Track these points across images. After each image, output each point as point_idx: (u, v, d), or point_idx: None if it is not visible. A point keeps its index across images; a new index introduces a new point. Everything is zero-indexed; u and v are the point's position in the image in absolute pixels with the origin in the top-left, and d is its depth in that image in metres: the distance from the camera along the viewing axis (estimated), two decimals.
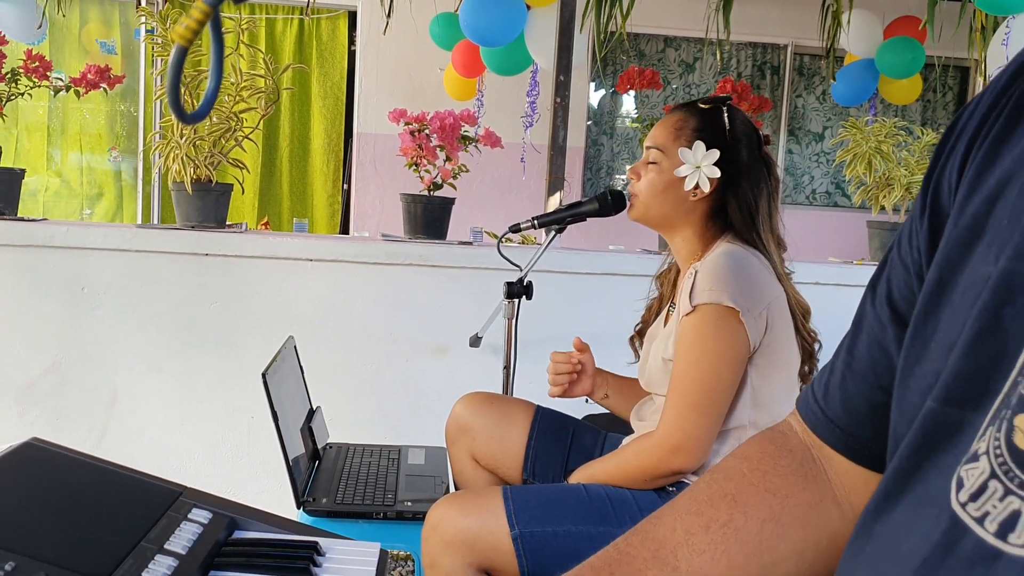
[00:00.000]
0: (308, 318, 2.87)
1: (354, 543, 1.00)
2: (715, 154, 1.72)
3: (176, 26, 0.51)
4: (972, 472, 0.49)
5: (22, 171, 2.97)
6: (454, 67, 4.76)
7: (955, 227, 0.60)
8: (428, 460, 2.22)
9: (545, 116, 3.76)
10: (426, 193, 3.05)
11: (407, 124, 2.98)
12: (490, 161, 4.13)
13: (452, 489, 2.09)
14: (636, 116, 6.76)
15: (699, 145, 1.73)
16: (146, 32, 3.45)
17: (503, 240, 2.35)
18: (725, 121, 1.77)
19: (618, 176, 6.80)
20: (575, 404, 2.26)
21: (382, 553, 0.97)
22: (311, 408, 2.22)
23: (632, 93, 6.73)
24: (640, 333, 1.99)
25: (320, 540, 0.98)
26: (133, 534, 0.88)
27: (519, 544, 1.57)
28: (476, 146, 3.10)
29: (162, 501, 0.97)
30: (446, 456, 2.16)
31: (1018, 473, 0.47)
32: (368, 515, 1.89)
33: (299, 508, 1.89)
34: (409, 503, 1.92)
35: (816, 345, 1.79)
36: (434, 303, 2.92)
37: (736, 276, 1.63)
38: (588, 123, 6.71)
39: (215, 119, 2.85)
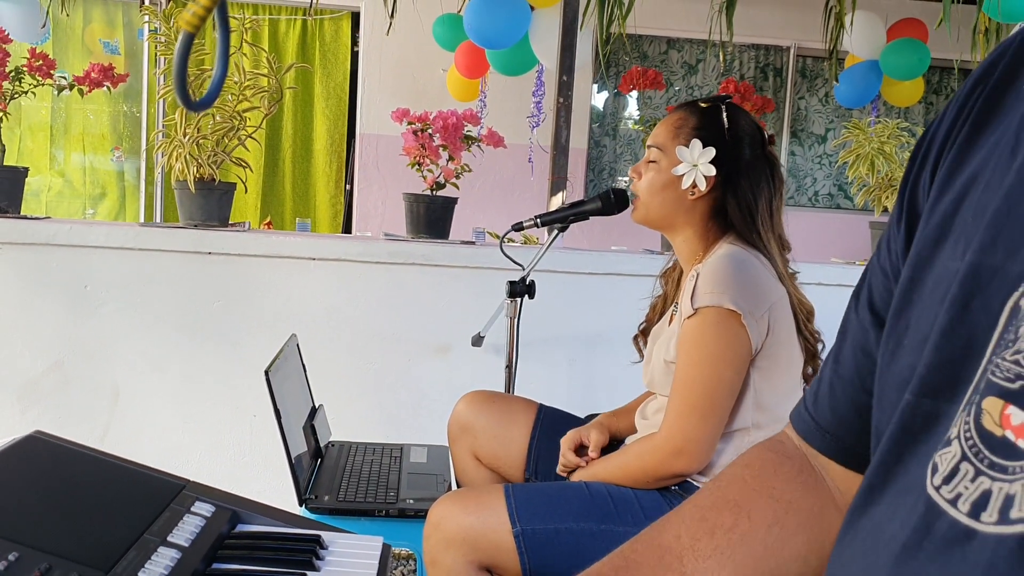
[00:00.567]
0: (311, 317, 2.87)
1: (357, 537, 1.00)
2: (711, 152, 1.72)
3: (183, 12, 0.51)
4: (945, 456, 0.51)
5: (25, 169, 2.98)
6: (457, 68, 4.76)
7: (925, 227, 0.63)
8: (430, 458, 2.22)
9: (549, 117, 3.76)
10: (429, 193, 3.05)
11: (410, 123, 2.98)
12: (493, 162, 4.14)
13: (454, 487, 2.09)
14: (639, 117, 6.76)
15: (696, 143, 1.73)
16: (149, 32, 3.46)
17: (506, 239, 2.35)
18: (724, 120, 1.76)
19: (620, 178, 6.80)
20: (578, 403, 2.26)
21: (384, 547, 0.97)
22: (313, 406, 2.22)
23: (635, 94, 6.73)
24: (644, 332, 1.99)
25: (323, 534, 0.98)
26: (136, 526, 0.88)
27: (521, 542, 1.56)
28: (479, 146, 3.10)
29: (165, 494, 0.97)
30: (448, 455, 2.16)
31: (987, 454, 0.48)
32: (370, 513, 1.89)
33: (301, 506, 1.89)
34: (411, 501, 1.92)
35: (819, 345, 1.79)
36: (436, 302, 2.92)
37: (738, 278, 1.63)
38: (591, 124, 6.71)
39: (218, 118, 2.85)
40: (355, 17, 6.56)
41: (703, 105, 1.80)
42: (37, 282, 2.78)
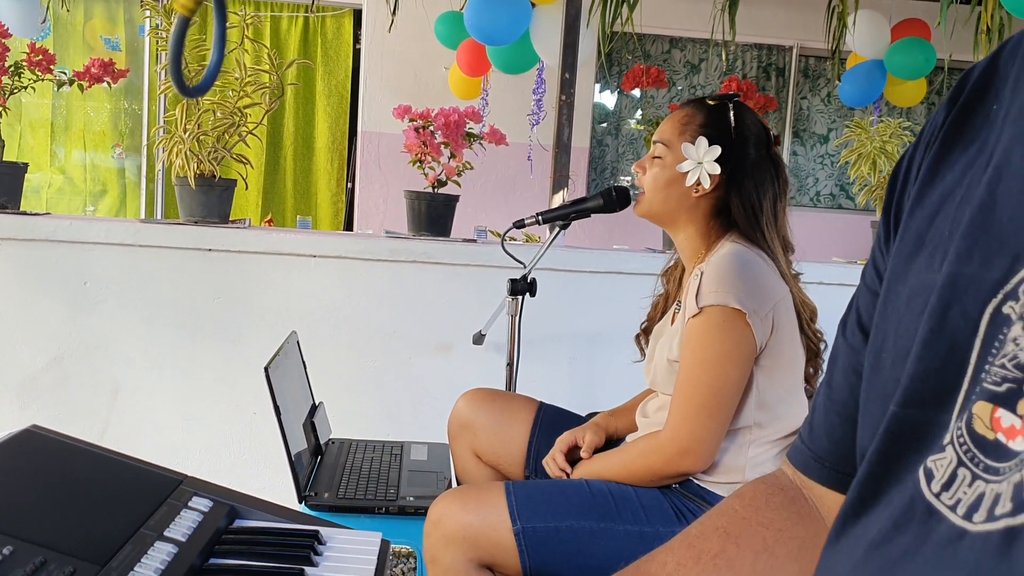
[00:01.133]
0: (311, 314, 2.86)
1: (355, 532, 0.99)
2: (716, 150, 1.71)
3: None
4: (940, 463, 0.52)
5: (25, 165, 2.97)
6: (459, 66, 4.75)
7: (901, 242, 0.64)
8: (430, 456, 2.22)
9: (551, 114, 3.75)
10: (430, 190, 3.04)
11: (411, 120, 2.97)
12: (495, 160, 4.13)
13: (454, 485, 2.08)
14: (641, 116, 6.75)
15: (701, 141, 1.73)
16: (151, 27, 3.45)
17: (507, 237, 2.34)
18: (731, 118, 1.76)
19: (623, 177, 6.79)
20: (579, 401, 2.25)
21: (383, 543, 0.96)
22: (313, 404, 2.21)
23: (637, 93, 6.72)
24: (646, 331, 1.98)
25: (321, 529, 0.97)
26: (133, 521, 0.87)
27: (521, 539, 1.56)
28: (481, 144, 3.09)
29: (162, 489, 0.96)
30: (448, 452, 2.16)
31: (982, 458, 0.50)
32: (370, 510, 1.88)
33: (301, 503, 1.89)
34: (411, 498, 1.92)
35: (822, 345, 1.78)
36: (437, 300, 2.91)
37: (742, 277, 1.63)
38: (593, 124, 6.70)
39: (219, 114, 2.84)
40: (357, 14, 6.55)
41: (710, 103, 1.79)
42: (37, 278, 2.78)
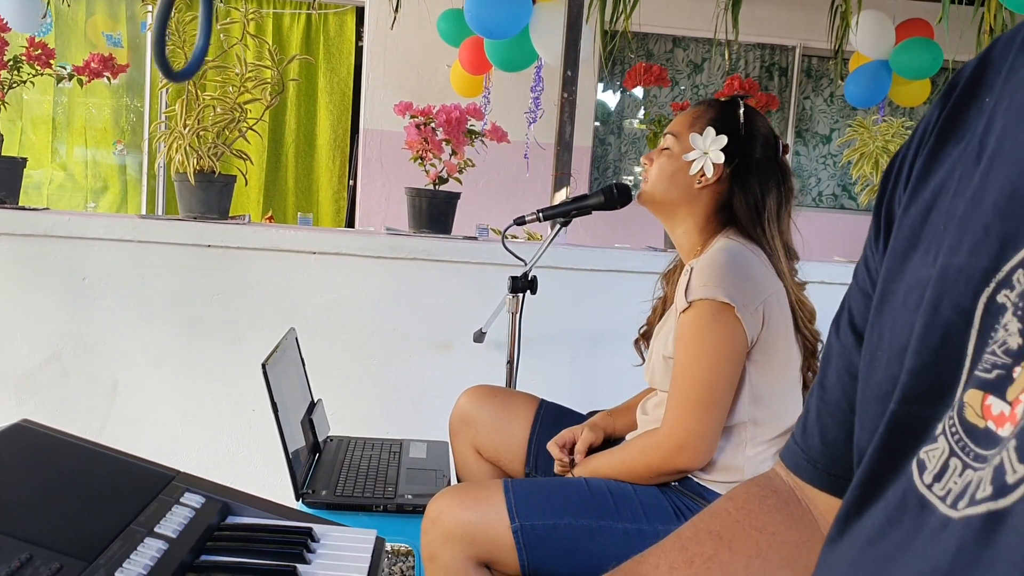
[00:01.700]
0: (311, 311, 2.85)
1: (349, 530, 0.97)
2: (723, 140, 1.72)
3: None
4: (932, 453, 0.52)
5: (24, 160, 2.95)
6: (461, 64, 4.74)
7: (895, 240, 0.64)
8: (429, 454, 2.20)
9: (551, 112, 3.74)
10: (431, 187, 3.02)
11: (413, 117, 2.96)
12: (497, 158, 4.11)
13: (453, 483, 2.07)
14: (644, 115, 6.74)
15: (709, 131, 1.74)
16: (151, 24, 3.43)
17: (508, 234, 2.33)
18: (740, 114, 1.77)
19: (625, 176, 6.78)
20: (579, 399, 2.24)
21: (378, 540, 0.95)
22: (312, 401, 2.20)
23: (640, 92, 6.70)
24: (645, 336, 1.98)
25: (314, 526, 0.95)
26: (122, 516, 0.86)
27: (519, 537, 1.55)
28: (483, 141, 3.07)
29: (154, 484, 0.95)
30: (448, 450, 2.15)
31: (972, 447, 0.49)
32: (368, 508, 1.87)
33: (298, 500, 1.87)
34: (410, 496, 1.90)
35: (819, 345, 1.77)
36: (438, 297, 2.90)
37: (730, 271, 1.63)
38: (595, 123, 6.69)
39: (219, 109, 2.83)
40: (359, 12, 6.54)
41: (722, 100, 1.82)
42: (35, 274, 2.76)
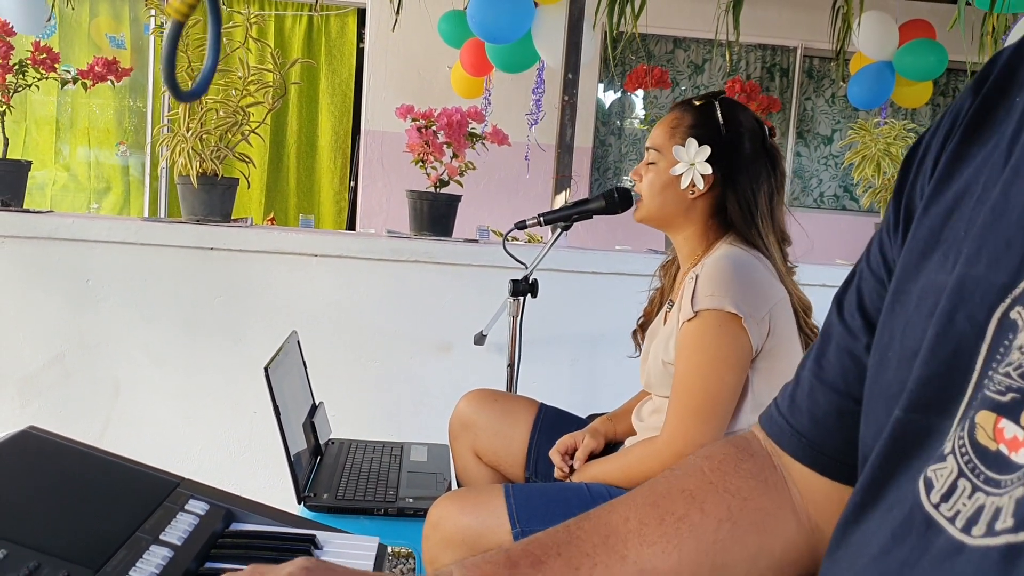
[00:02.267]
0: (312, 314, 2.86)
1: (352, 536, 0.98)
2: (706, 151, 1.71)
3: (172, 0, 0.50)
4: (941, 472, 0.51)
5: (28, 163, 2.97)
6: (462, 65, 4.75)
7: (913, 239, 0.63)
8: (430, 457, 2.21)
9: (552, 114, 3.75)
10: (432, 190, 3.03)
11: (414, 120, 2.97)
12: (498, 160, 4.12)
13: (454, 487, 2.08)
14: (644, 116, 6.74)
15: (691, 142, 1.72)
16: (155, 26, 3.45)
17: (509, 237, 2.34)
18: (719, 116, 1.75)
19: (625, 178, 6.79)
20: (580, 403, 2.25)
21: (380, 547, 0.96)
22: (313, 404, 2.21)
23: (640, 93, 6.71)
24: (642, 327, 1.97)
25: (318, 533, 0.96)
26: (128, 524, 0.87)
27: None
28: (484, 144, 3.08)
29: (158, 492, 0.96)
30: (448, 453, 2.15)
31: (983, 469, 0.49)
32: (369, 511, 1.88)
33: (300, 503, 1.88)
34: (410, 500, 1.91)
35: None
36: (439, 300, 2.91)
37: (738, 280, 1.62)
38: (596, 124, 6.69)
39: (221, 113, 2.84)
40: (361, 13, 6.55)
41: (697, 103, 1.79)
42: (39, 276, 2.78)
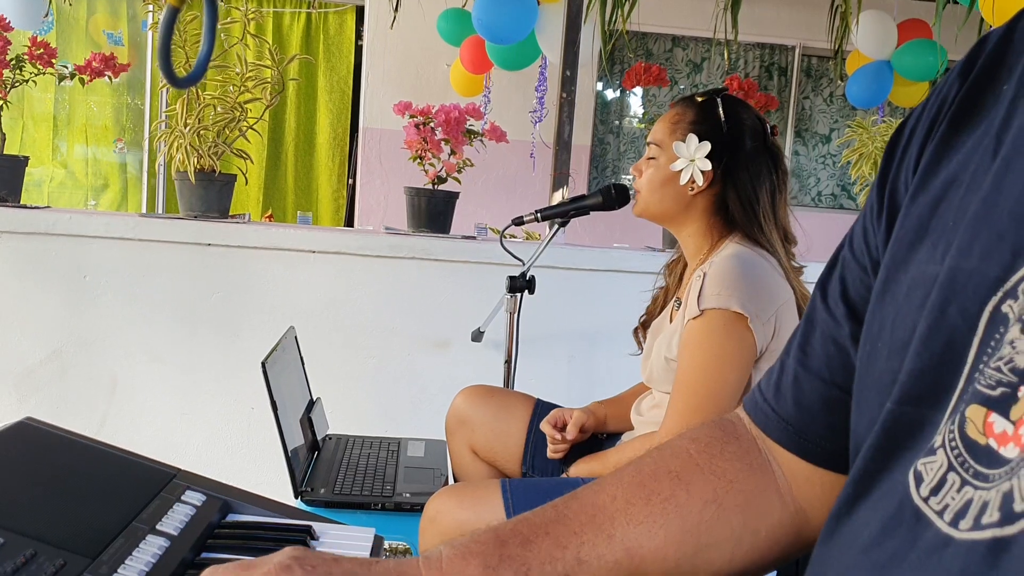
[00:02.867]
0: (310, 310, 2.86)
1: (348, 528, 0.99)
2: (706, 147, 1.70)
3: None
4: (931, 466, 0.51)
5: (25, 158, 2.97)
6: (462, 63, 4.74)
7: (901, 228, 0.62)
8: (428, 453, 2.21)
9: (552, 112, 3.75)
10: (430, 187, 3.04)
11: (412, 117, 2.97)
12: (496, 158, 4.13)
13: (451, 482, 2.08)
14: (643, 115, 6.75)
15: (692, 138, 1.71)
16: (153, 22, 3.45)
17: (506, 234, 2.34)
18: (720, 113, 1.74)
19: (624, 176, 6.79)
20: (577, 399, 2.25)
21: (376, 538, 0.96)
22: (311, 399, 2.21)
23: (639, 92, 6.71)
24: (644, 325, 1.97)
25: (314, 524, 0.97)
26: (125, 514, 0.87)
27: None
28: (482, 141, 3.08)
29: (155, 482, 0.96)
30: (446, 449, 2.16)
31: (972, 463, 0.49)
32: (366, 506, 1.88)
33: (297, 498, 1.89)
34: (407, 495, 1.91)
35: None
36: (436, 297, 2.91)
37: (745, 280, 1.61)
38: (595, 122, 6.69)
39: (219, 109, 2.84)
40: (359, 11, 6.55)
41: (699, 99, 1.78)
42: (36, 271, 2.78)
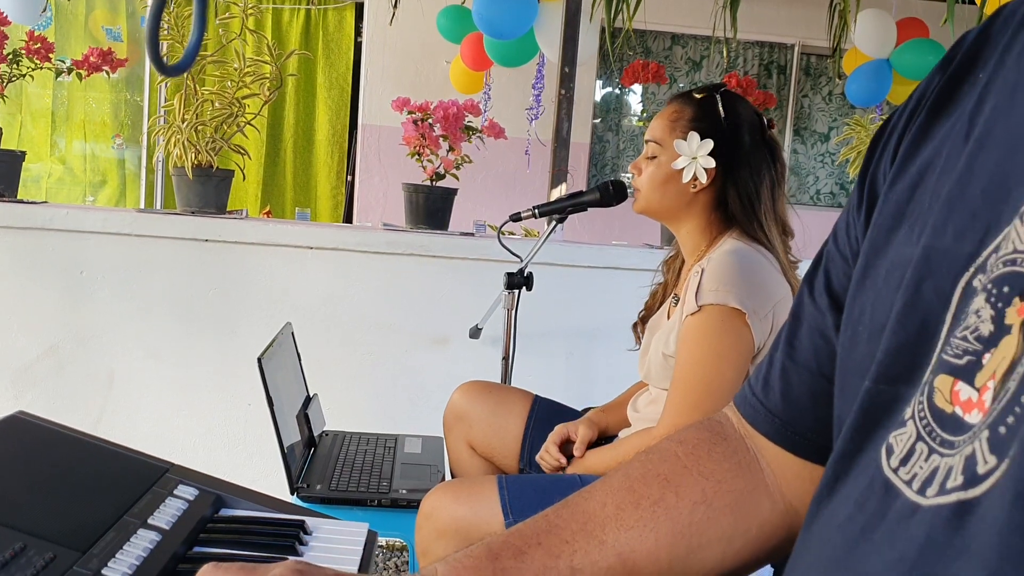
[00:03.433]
0: (308, 306, 2.85)
1: (342, 523, 0.98)
2: (709, 144, 1.70)
3: None
4: (900, 438, 0.52)
5: (23, 153, 2.96)
6: (463, 60, 4.74)
7: (879, 215, 0.64)
8: (425, 449, 2.21)
9: (550, 109, 3.74)
10: (428, 183, 3.03)
11: (410, 113, 2.96)
12: (495, 155, 4.13)
13: (448, 479, 2.08)
14: (642, 112, 6.74)
15: (693, 136, 1.71)
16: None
17: (504, 230, 2.33)
18: (720, 109, 1.74)
19: (623, 174, 6.79)
20: (575, 396, 2.25)
21: (370, 533, 0.95)
22: (308, 395, 2.21)
23: (638, 89, 6.71)
24: (643, 320, 1.97)
25: (307, 519, 0.96)
26: (116, 508, 0.87)
27: None
28: (480, 137, 3.07)
29: (147, 476, 0.96)
30: (443, 446, 2.15)
31: (939, 432, 0.49)
32: (362, 502, 1.87)
33: (293, 494, 1.88)
34: (404, 491, 1.91)
35: None
36: (434, 293, 2.91)
37: (743, 276, 1.61)
38: (594, 119, 6.69)
39: (217, 104, 2.83)
40: (359, 7, 6.54)
41: (698, 96, 1.77)
42: (33, 267, 2.77)
